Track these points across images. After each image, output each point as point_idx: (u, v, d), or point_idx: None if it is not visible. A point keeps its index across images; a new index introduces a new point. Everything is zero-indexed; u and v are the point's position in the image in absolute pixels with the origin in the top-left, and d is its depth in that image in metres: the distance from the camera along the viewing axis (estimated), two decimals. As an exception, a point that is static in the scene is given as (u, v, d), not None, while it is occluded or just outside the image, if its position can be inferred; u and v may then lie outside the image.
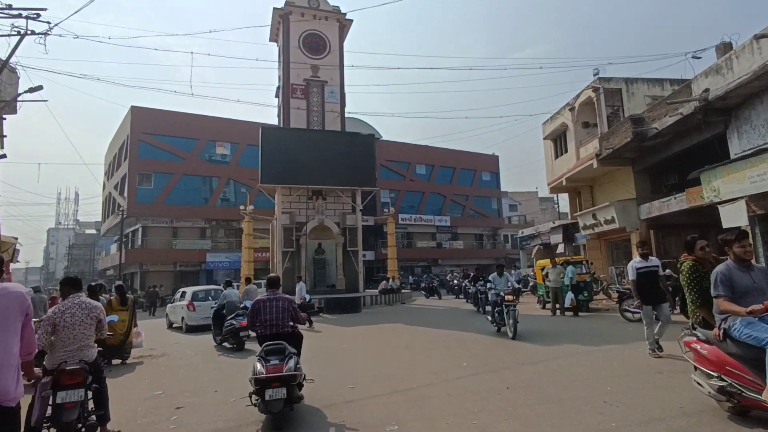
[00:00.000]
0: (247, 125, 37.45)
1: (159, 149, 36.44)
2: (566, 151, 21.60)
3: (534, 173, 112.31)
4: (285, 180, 21.55)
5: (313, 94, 23.94)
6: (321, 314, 16.70)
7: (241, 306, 10.25)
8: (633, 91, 18.77)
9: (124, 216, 34.12)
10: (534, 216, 66.48)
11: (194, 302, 13.62)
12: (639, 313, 10.73)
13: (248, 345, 9.87)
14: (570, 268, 13.95)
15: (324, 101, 23.96)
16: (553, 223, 33.80)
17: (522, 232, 40.24)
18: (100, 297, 8.26)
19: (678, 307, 10.33)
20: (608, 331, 9.60)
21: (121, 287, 8.41)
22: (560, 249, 23.91)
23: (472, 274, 15.32)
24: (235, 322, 9.49)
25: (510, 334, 8.92)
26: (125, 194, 35.69)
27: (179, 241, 36.82)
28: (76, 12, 15.48)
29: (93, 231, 68.31)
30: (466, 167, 53.11)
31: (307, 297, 12.99)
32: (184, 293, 14.85)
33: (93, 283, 8.12)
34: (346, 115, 24.81)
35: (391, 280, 20.98)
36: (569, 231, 23.49)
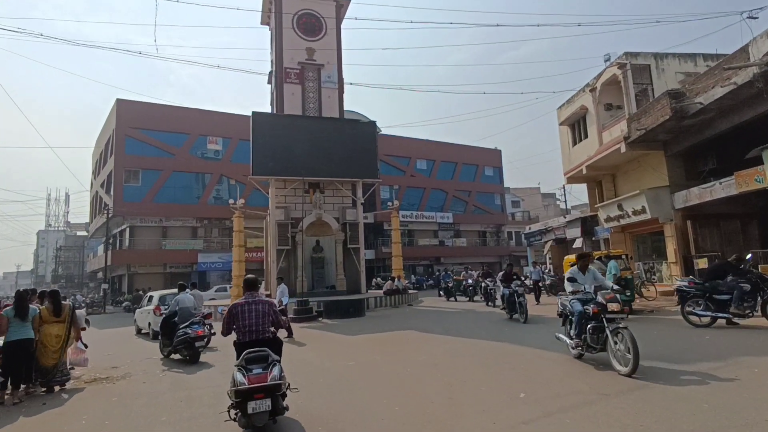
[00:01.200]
0: (240, 119, 35.40)
1: (147, 144, 34.46)
2: (586, 137, 19.78)
3: (536, 168, 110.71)
4: (279, 171, 19.67)
5: (308, 78, 22.05)
6: (320, 319, 14.85)
7: (198, 312, 9.35)
8: (663, 68, 16.97)
9: (110, 215, 32.12)
10: (537, 212, 64.90)
11: (161, 306, 12.81)
12: (708, 316, 9.03)
13: (204, 357, 8.55)
14: (612, 263, 12.13)
15: (321, 86, 22.08)
16: (565, 216, 32.09)
17: (529, 228, 38.42)
18: (33, 305, 6.38)
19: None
20: (691, 341, 7.74)
21: (56, 293, 6.53)
22: (578, 244, 22.10)
23: (503, 272, 13.21)
24: (189, 331, 8.34)
25: (622, 368, 5.46)
26: (111, 192, 33.70)
27: (169, 241, 34.86)
28: None
29: (84, 233, 66.25)
30: (468, 162, 51.33)
31: (285, 300, 11.18)
32: (151, 297, 14.00)
33: (21, 289, 6.25)
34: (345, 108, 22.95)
35: (396, 279, 19.12)
36: (588, 224, 21.68)
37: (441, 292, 21.46)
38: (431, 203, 48.17)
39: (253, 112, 19.64)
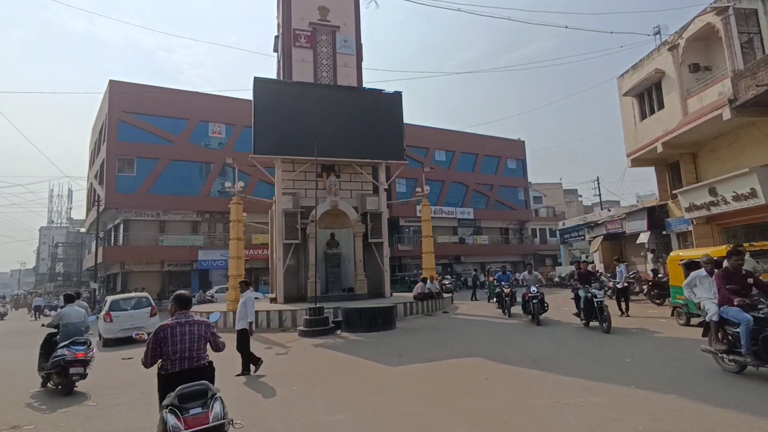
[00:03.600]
0: (244, 103, 32.09)
1: (142, 130, 31.33)
2: (661, 108, 16.15)
3: (556, 162, 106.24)
4: (286, 150, 16.32)
5: (321, 42, 18.65)
6: (338, 332, 11.45)
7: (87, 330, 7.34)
8: (775, 12, 13.33)
9: (101, 207, 29.05)
10: (560, 209, 61.15)
11: (112, 312, 12.04)
12: None
13: (82, 387, 6.67)
14: (748, 259, 8.60)
15: (335, 52, 18.67)
16: (616, 206, 28.37)
17: (563, 224, 34.79)
18: None
19: None
20: None
21: None
22: (643, 239, 18.46)
23: (578, 271, 10.28)
24: (67, 352, 6.55)
25: None
26: (104, 183, 30.62)
27: (167, 236, 31.71)
28: None
29: (84, 229, 63.71)
30: (490, 153, 47.71)
31: (251, 317, 7.61)
32: (106, 302, 13.29)
33: None
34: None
35: (429, 281, 15.64)
36: (656, 215, 18.04)
37: (491, 299, 17.27)
38: (450, 198, 44.63)
39: (256, 78, 16.29)
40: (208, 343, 3.84)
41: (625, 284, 12.44)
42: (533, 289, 11.29)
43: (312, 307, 11.63)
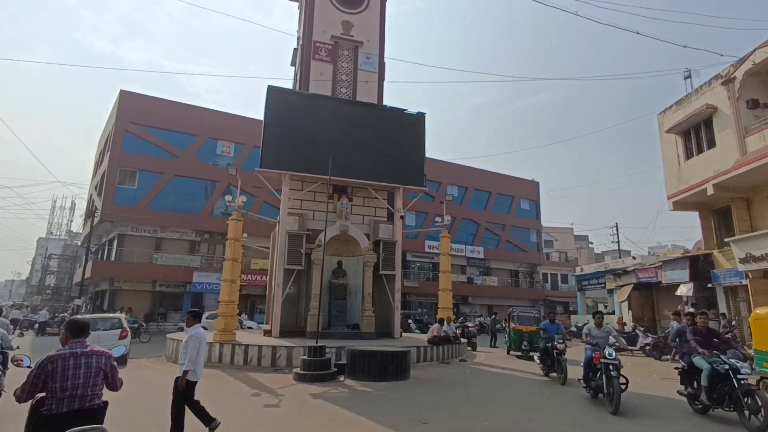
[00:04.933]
0: (255, 123, 30.99)
1: (148, 143, 30.20)
2: (711, 146, 14.66)
3: (567, 205, 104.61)
4: (296, 166, 14.85)
5: (342, 57, 17.55)
6: (341, 378, 9.55)
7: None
8: None
9: (95, 219, 27.55)
10: (572, 255, 59.19)
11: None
12: None
13: None
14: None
15: (357, 68, 17.53)
16: (647, 253, 26.50)
17: (581, 270, 32.87)
18: None
19: None
20: None
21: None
22: (684, 291, 16.56)
23: (690, 327, 7.25)
24: None
25: None
26: (102, 194, 29.24)
27: (162, 254, 29.97)
28: None
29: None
30: (503, 192, 46.31)
31: (199, 371, 5.02)
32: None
33: None
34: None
35: (446, 323, 13.72)
36: (700, 266, 16.22)
37: (537, 358, 12.30)
38: (461, 235, 42.87)
39: (270, 86, 15.01)
40: (105, 380, 3.27)
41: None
42: (610, 352, 7.20)
43: (312, 346, 9.77)
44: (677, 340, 7.95)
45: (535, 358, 10.72)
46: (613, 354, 7.25)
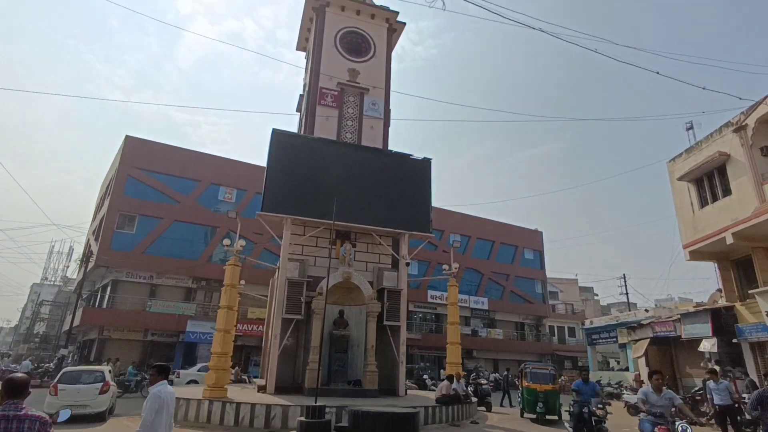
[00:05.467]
0: (258, 170, 31.10)
1: (150, 188, 30.02)
2: (726, 194, 14.23)
3: (569, 256, 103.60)
4: (298, 210, 14.36)
5: (348, 103, 17.57)
6: (342, 444, 8.52)
7: None
8: None
9: (89, 263, 26.80)
10: (577, 307, 57.68)
11: (60, 384, 10.70)
12: None
13: None
14: None
15: (362, 114, 17.51)
16: (653, 306, 25.46)
17: (591, 322, 31.63)
18: None
19: None
20: None
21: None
22: (707, 347, 15.54)
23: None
24: None
25: None
26: (99, 238, 28.65)
27: (156, 302, 28.95)
28: None
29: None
30: (507, 242, 45.69)
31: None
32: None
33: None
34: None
35: (455, 380, 12.65)
36: (722, 319, 15.32)
37: (568, 425, 10.51)
38: (464, 285, 41.68)
39: (275, 130, 14.83)
40: None
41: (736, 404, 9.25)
42: (684, 428, 5.69)
43: (310, 406, 8.80)
44: (759, 408, 6.36)
45: (567, 425, 9.47)
46: (689, 430, 5.60)
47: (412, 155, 16.31)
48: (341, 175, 15.08)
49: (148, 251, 28.99)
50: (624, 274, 39.23)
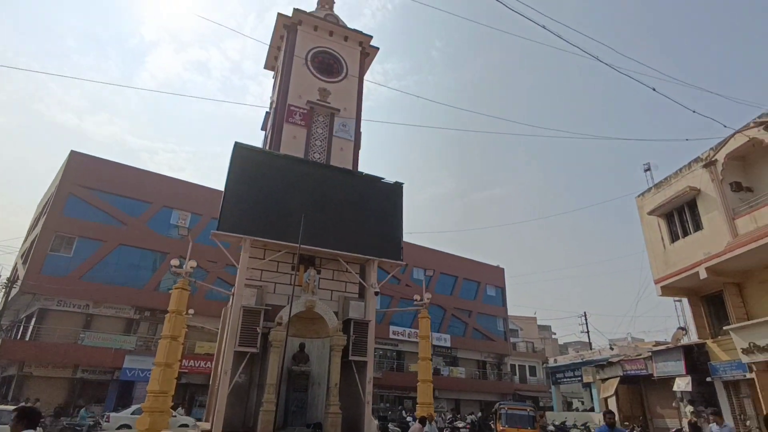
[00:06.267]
0: (215, 193, 29.50)
1: (94, 208, 27.62)
2: (697, 229, 14.22)
3: (527, 292, 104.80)
4: (258, 231, 13.08)
5: (317, 123, 16.75)
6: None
7: None
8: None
9: (11, 289, 23.85)
10: (537, 345, 57.65)
11: None
12: None
13: None
14: None
15: (332, 134, 16.70)
16: (608, 346, 25.23)
17: (554, 361, 31.18)
18: None
19: None
20: None
21: None
22: (681, 386, 15.11)
23: None
24: None
25: None
26: (28, 261, 25.74)
27: (91, 334, 26.00)
28: None
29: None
30: (470, 278, 45.35)
31: None
32: None
33: None
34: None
35: (428, 423, 11.41)
36: (695, 357, 15.01)
37: None
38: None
39: (237, 143, 13.68)
40: None
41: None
42: None
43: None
44: None
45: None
46: None
47: (383, 178, 15.52)
48: (307, 195, 14.02)
49: (85, 277, 26.30)
50: (585, 312, 39.33)
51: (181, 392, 25.97)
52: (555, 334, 71.32)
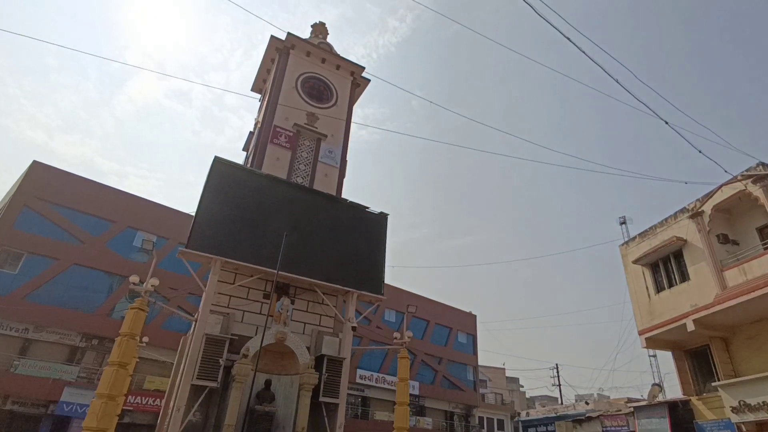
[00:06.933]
0: (185, 217, 28.12)
1: (49, 222, 25.74)
2: (684, 279, 14.00)
3: (493, 342, 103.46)
4: (230, 252, 12.05)
5: (302, 147, 16.15)
6: None
7: None
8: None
9: (-56, 305, 21.44)
10: (506, 398, 56.17)
11: None
12: None
13: None
14: None
15: (317, 159, 16.09)
16: (574, 400, 24.44)
17: (527, 414, 30.01)
18: None
19: None
20: None
21: None
22: (666, 446, 14.37)
23: None
24: None
25: None
26: (-32, 276, 23.40)
27: (27, 361, 23.45)
28: None
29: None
30: (442, 323, 44.28)
31: None
32: None
33: None
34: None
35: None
36: (679, 414, 14.40)
37: None
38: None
39: (216, 158, 12.85)
40: None
41: None
42: None
43: None
44: None
45: None
46: None
47: (368, 207, 14.86)
48: (287, 219, 13.16)
49: (30, 297, 24.06)
50: (557, 365, 38.69)
51: (123, 432, 23.42)
52: (523, 387, 70.09)
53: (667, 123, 8.65)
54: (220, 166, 12.81)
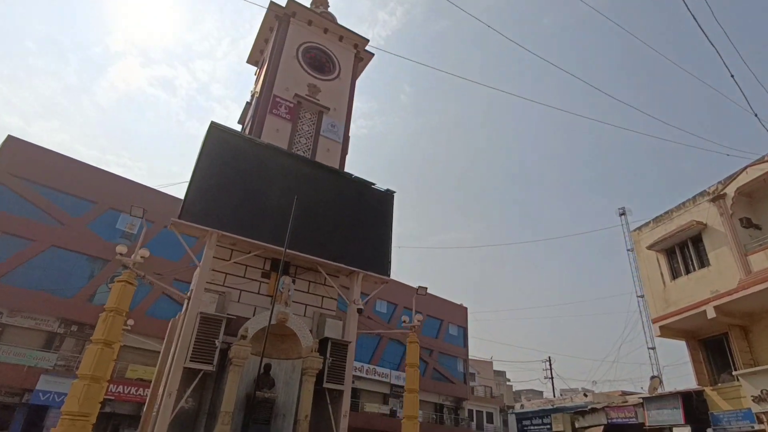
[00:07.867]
0: (173, 201, 26.83)
1: (27, 201, 24.23)
2: (703, 264, 13.42)
3: (483, 333, 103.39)
4: (228, 225, 11.05)
5: (303, 120, 15.13)
6: None
7: None
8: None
9: None
10: (495, 390, 56.02)
11: None
12: None
13: None
14: None
15: (318, 133, 15.10)
16: (559, 395, 23.98)
17: (522, 406, 29.54)
18: None
19: None
20: None
21: None
22: (679, 437, 13.86)
23: None
24: None
25: None
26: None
27: (0, 347, 22.04)
28: None
29: None
30: (433, 315, 43.64)
31: None
32: None
33: None
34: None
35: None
36: (694, 404, 13.88)
37: None
38: (387, 357, 38.50)
39: (213, 123, 11.79)
40: None
41: None
42: None
43: None
44: None
45: None
46: None
47: (374, 184, 13.95)
48: (288, 192, 12.16)
49: (4, 279, 22.59)
50: (549, 357, 38.43)
51: (103, 423, 22.23)
52: (510, 380, 70.15)
53: (732, 76, 7.95)
54: (217, 132, 11.76)
